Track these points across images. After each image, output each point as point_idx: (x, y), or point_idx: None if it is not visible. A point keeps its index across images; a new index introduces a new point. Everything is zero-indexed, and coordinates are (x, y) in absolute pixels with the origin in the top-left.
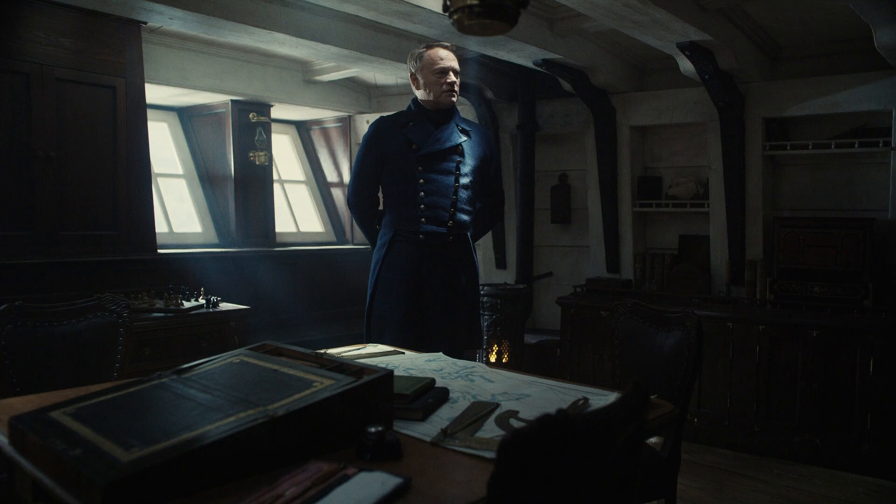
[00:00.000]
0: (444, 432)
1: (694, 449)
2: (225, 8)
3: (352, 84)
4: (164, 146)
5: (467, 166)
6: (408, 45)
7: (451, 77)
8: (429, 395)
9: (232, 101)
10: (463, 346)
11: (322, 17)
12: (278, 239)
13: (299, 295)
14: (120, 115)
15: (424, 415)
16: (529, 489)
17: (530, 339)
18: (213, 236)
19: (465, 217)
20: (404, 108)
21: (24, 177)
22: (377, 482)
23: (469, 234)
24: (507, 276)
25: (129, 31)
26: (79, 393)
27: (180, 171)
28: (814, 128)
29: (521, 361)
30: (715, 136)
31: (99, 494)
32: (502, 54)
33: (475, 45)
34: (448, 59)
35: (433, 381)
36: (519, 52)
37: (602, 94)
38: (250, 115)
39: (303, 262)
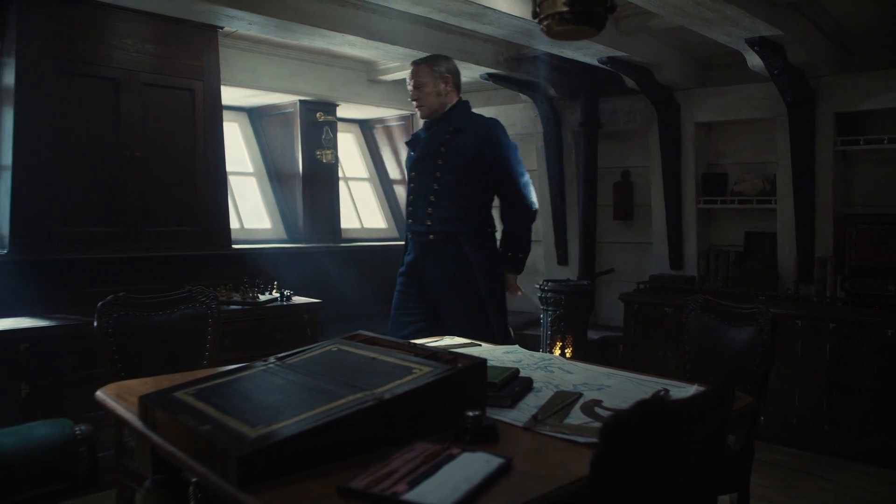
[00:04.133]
0: (535, 418)
1: (760, 447)
2: (300, 12)
3: None
4: (236, 145)
5: (449, 164)
6: (473, 45)
7: (411, 93)
8: (515, 383)
9: (300, 101)
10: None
11: (391, 19)
12: (343, 235)
13: (365, 289)
14: (198, 116)
15: (513, 402)
16: (628, 470)
17: (592, 335)
18: (281, 232)
19: (445, 215)
20: None
21: (113, 176)
22: (481, 461)
23: (467, 231)
24: (569, 273)
25: (206, 36)
26: (189, 377)
27: (251, 170)
28: (888, 122)
29: (584, 357)
30: (783, 132)
31: (234, 465)
32: (567, 52)
33: (542, 44)
34: (409, 77)
35: (517, 370)
36: (584, 51)
37: (666, 91)
38: (317, 115)
39: (368, 258)
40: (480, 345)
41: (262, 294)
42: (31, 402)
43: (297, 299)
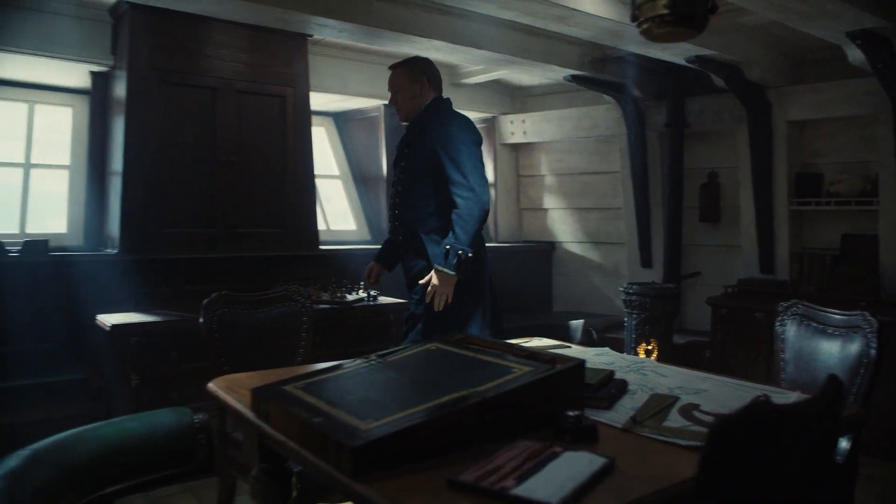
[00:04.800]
0: (634, 420)
1: (861, 461)
2: (389, 19)
3: (496, 86)
4: (322, 149)
5: (411, 165)
6: (557, 47)
7: (391, 97)
8: (610, 385)
9: (384, 105)
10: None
11: (476, 23)
12: None
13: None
14: (289, 121)
15: (609, 403)
16: (735, 473)
17: (677, 339)
18: (365, 233)
19: (409, 216)
20: (548, 110)
21: (209, 180)
22: (584, 460)
23: (427, 231)
24: (653, 276)
25: (297, 45)
26: (293, 372)
27: (336, 172)
28: None
29: (669, 362)
30: (887, 129)
31: (348, 456)
32: (654, 52)
33: (629, 44)
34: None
35: (612, 372)
36: (671, 50)
37: (757, 89)
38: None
39: None
40: (570, 346)
41: (350, 294)
42: (140, 391)
43: (383, 299)
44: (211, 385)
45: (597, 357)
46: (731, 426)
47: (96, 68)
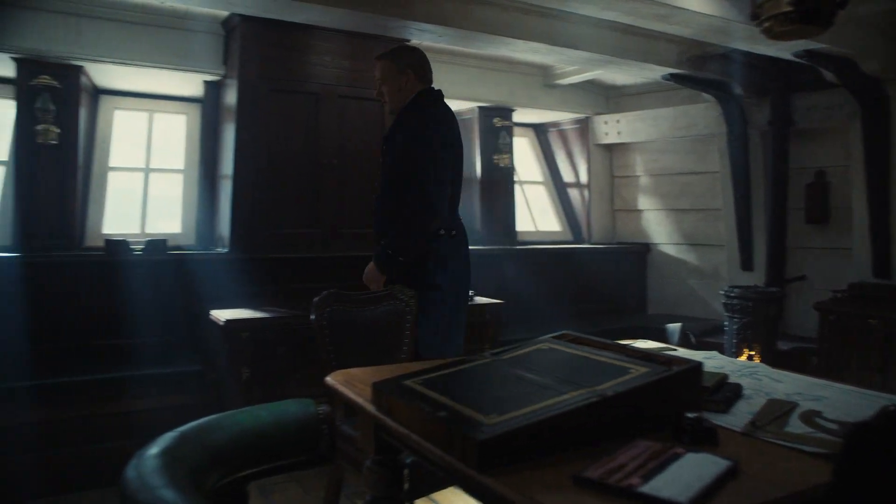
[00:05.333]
0: (754, 424)
1: None
2: (487, 23)
3: (590, 86)
4: None
5: (387, 161)
6: (655, 46)
7: (377, 89)
8: (725, 388)
9: (479, 107)
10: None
11: (574, 24)
12: (518, 237)
13: (540, 290)
14: (387, 126)
15: (726, 407)
16: (871, 481)
17: (781, 345)
18: None
19: (384, 213)
20: (643, 109)
21: (312, 182)
22: (709, 462)
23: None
24: (754, 279)
25: None
26: (407, 368)
27: None
28: None
29: (774, 368)
30: None
31: (474, 449)
32: (759, 48)
33: (735, 41)
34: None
35: (726, 375)
36: (778, 45)
37: (873, 83)
38: (494, 120)
39: (544, 260)
40: (676, 349)
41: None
42: (250, 384)
43: (479, 299)
44: (329, 379)
45: (706, 361)
46: (867, 434)
47: (209, 77)
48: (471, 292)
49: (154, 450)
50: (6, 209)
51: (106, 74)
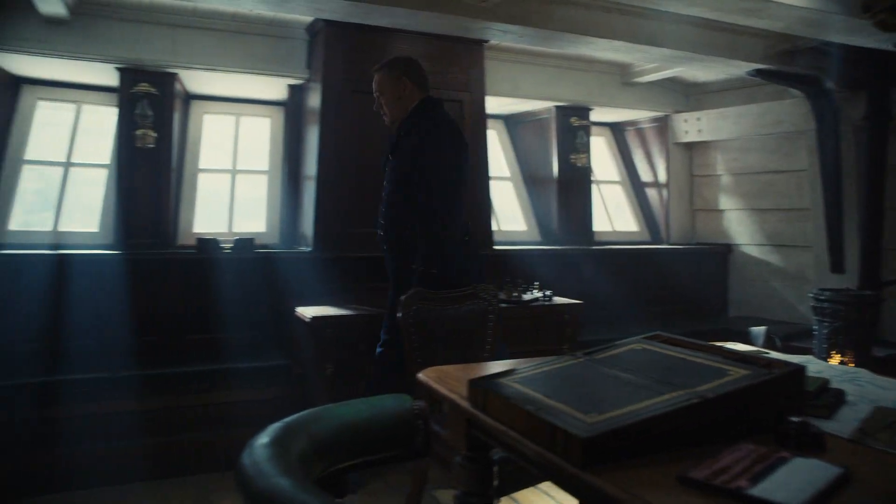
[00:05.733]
0: (863, 431)
1: None
2: (569, 22)
3: (670, 84)
4: (493, 151)
5: (393, 169)
6: (740, 41)
7: (376, 101)
8: (827, 394)
9: (556, 106)
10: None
11: (656, 21)
12: (595, 237)
13: (619, 292)
14: (465, 125)
15: (829, 412)
16: None
17: (877, 352)
18: (535, 234)
19: (388, 220)
20: (725, 107)
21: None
22: (818, 467)
23: (400, 240)
24: (845, 282)
25: (474, 51)
26: (495, 367)
27: (507, 174)
28: None
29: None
30: None
31: (578, 447)
32: (858, 41)
33: (831, 33)
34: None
35: (827, 380)
36: (878, 35)
37: None
38: (571, 120)
39: (621, 260)
40: (769, 353)
41: (525, 293)
42: (333, 380)
43: (558, 299)
44: (421, 375)
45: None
46: None
47: (293, 81)
48: (548, 292)
49: (264, 439)
50: (108, 209)
51: (197, 80)
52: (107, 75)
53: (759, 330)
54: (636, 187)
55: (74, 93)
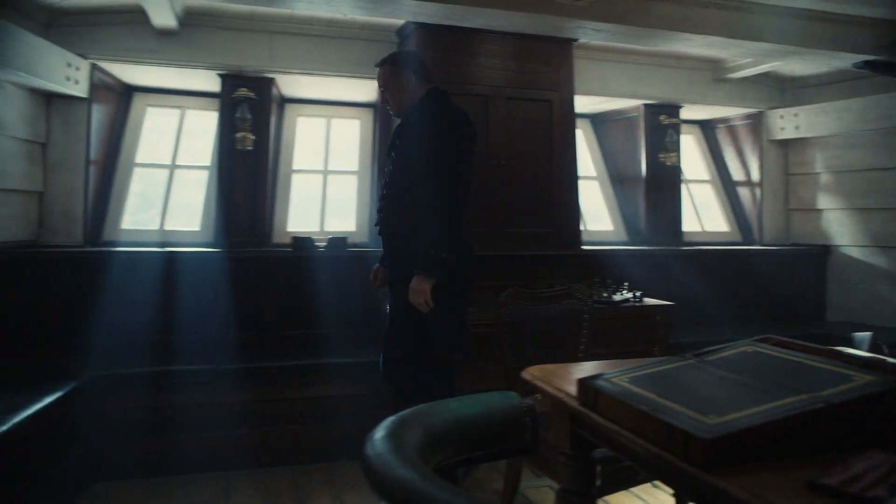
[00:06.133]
0: None
1: None
2: (664, 18)
3: (764, 79)
4: (580, 150)
5: (398, 158)
6: (845, 32)
7: (381, 95)
8: None
9: (644, 105)
10: (393, 352)
11: (756, 15)
12: (684, 238)
13: (710, 293)
14: (555, 125)
15: None
16: None
17: None
18: (622, 234)
19: (391, 210)
20: (824, 102)
21: (481, 182)
22: None
23: (405, 230)
24: None
25: (563, 50)
26: (619, 365)
27: (594, 174)
28: None
29: None
30: None
31: (699, 448)
32: None
33: None
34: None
35: None
36: None
37: None
38: (661, 118)
39: (712, 262)
40: (886, 359)
41: (615, 294)
42: None
43: (649, 300)
44: (526, 374)
45: None
46: None
47: None
48: (638, 293)
49: (383, 432)
50: (209, 209)
51: (291, 84)
52: (209, 81)
53: (863, 336)
54: (727, 186)
55: (179, 99)
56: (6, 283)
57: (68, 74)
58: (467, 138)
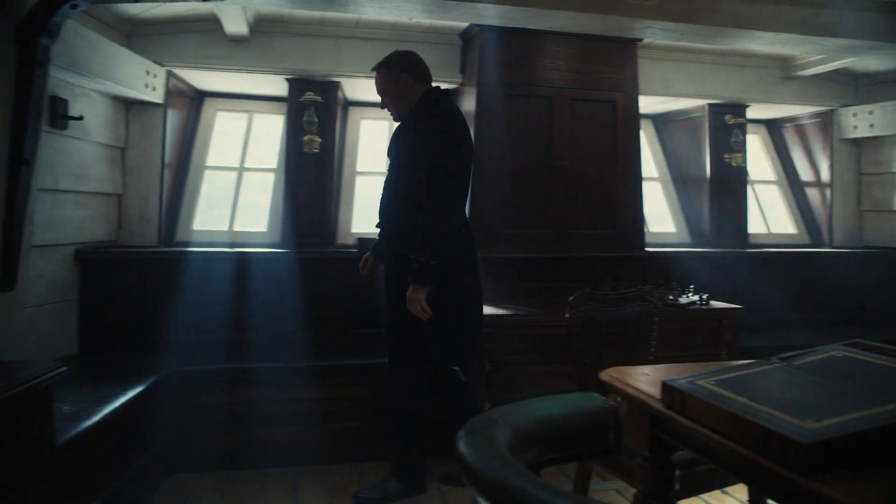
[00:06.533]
0: None
1: None
2: (735, 17)
3: (836, 76)
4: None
5: (398, 161)
6: None
7: (381, 100)
8: None
9: (709, 104)
10: (391, 355)
11: (832, 10)
12: (750, 240)
13: (777, 296)
14: (618, 126)
15: None
16: None
17: None
18: (685, 236)
19: (391, 213)
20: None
21: (544, 184)
22: None
23: (405, 231)
24: None
25: (627, 50)
26: (694, 369)
27: (655, 175)
28: None
29: None
30: None
31: (798, 452)
32: None
33: None
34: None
35: None
36: None
37: None
38: (726, 118)
39: (779, 264)
40: None
41: (681, 297)
42: (491, 377)
43: (716, 304)
44: (605, 375)
45: None
46: None
47: (445, 86)
48: (705, 295)
49: (475, 430)
50: (275, 211)
51: (355, 88)
52: (277, 86)
53: None
54: (794, 187)
55: (247, 103)
56: (90, 283)
57: (147, 82)
58: (455, 142)
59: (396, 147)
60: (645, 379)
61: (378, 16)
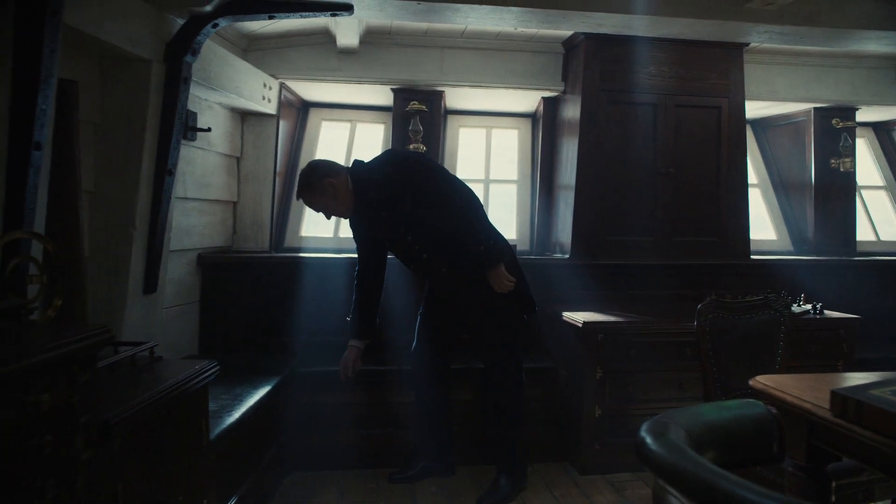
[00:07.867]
0: None
1: None
2: (864, 17)
3: None
4: None
5: (402, 225)
6: None
7: (326, 216)
8: None
9: (814, 108)
10: (495, 357)
11: None
12: (858, 247)
13: (886, 305)
14: (724, 132)
15: None
16: None
17: None
18: (787, 243)
19: (431, 256)
20: None
21: (649, 191)
22: None
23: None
24: None
25: (732, 55)
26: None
27: (755, 181)
28: None
29: None
30: None
31: None
32: None
33: None
34: None
35: None
36: None
37: None
38: (833, 121)
39: (889, 273)
40: None
41: (792, 306)
42: (602, 383)
43: (830, 313)
44: (756, 383)
45: None
46: None
47: (547, 94)
48: (818, 305)
49: (657, 431)
50: None
51: (456, 97)
52: (381, 96)
53: None
54: None
55: (350, 112)
56: (209, 286)
57: (264, 94)
58: (429, 171)
59: (390, 217)
60: (798, 387)
61: (482, 25)
